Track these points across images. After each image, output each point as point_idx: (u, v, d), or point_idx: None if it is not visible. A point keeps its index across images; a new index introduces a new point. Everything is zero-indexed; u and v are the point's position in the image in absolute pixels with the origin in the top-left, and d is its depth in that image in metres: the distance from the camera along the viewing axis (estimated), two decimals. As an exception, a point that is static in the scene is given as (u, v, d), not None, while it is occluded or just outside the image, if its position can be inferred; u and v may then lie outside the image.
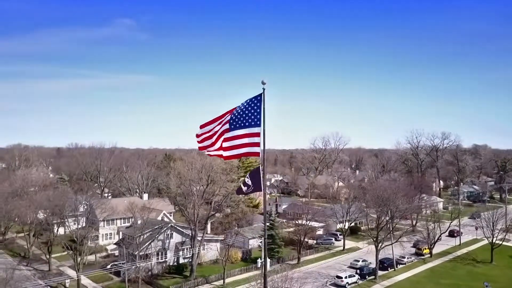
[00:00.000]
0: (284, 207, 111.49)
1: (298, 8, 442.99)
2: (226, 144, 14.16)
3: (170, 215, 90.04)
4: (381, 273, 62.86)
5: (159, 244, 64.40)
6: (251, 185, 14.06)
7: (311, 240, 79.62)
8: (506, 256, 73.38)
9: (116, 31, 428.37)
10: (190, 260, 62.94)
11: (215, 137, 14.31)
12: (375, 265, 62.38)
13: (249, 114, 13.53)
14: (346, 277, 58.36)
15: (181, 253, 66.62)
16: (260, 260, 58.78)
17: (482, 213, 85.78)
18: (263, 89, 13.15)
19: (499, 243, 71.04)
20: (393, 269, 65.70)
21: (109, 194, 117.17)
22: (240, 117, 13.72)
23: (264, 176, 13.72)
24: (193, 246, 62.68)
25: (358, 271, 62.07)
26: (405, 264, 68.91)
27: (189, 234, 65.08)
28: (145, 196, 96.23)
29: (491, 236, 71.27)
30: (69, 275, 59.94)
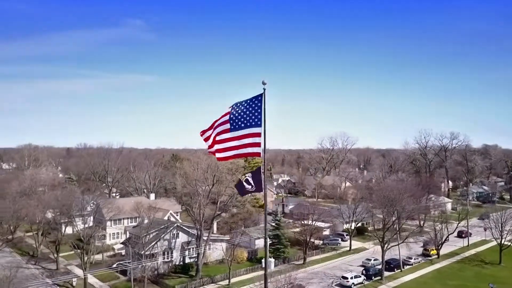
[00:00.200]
0: (291, 207, 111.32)
1: (298, 8, 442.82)
2: (227, 145, 14.21)
3: (177, 214, 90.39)
4: (387, 273, 62.50)
5: (165, 243, 64.73)
6: (253, 185, 14.11)
7: (317, 241, 79.41)
8: (515, 257, 72.52)
9: (127, 31, 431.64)
10: (196, 259, 63.11)
11: (217, 138, 14.37)
12: (381, 265, 62.09)
13: (249, 115, 13.53)
14: (352, 277, 58.10)
15: (187, 252, 66.89)
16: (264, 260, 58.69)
17: (491, 214, 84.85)
18: (264, 89, 13.16)
19: (508, 244, 70.25)
20: (399, 270, 65.27)
21: (117, 194, 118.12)
22: (240, 117, 13.73)
23: (264, 176, 13.74)
24: (199, 246, 62.89)
25: (364, 271, 61.75)
26: (412, 265, 68.46)
27: (195, 234, 65.28)
28: (152, 196, 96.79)
29: (499, 237, 70.64)
30: (76, 274, 60.59)
